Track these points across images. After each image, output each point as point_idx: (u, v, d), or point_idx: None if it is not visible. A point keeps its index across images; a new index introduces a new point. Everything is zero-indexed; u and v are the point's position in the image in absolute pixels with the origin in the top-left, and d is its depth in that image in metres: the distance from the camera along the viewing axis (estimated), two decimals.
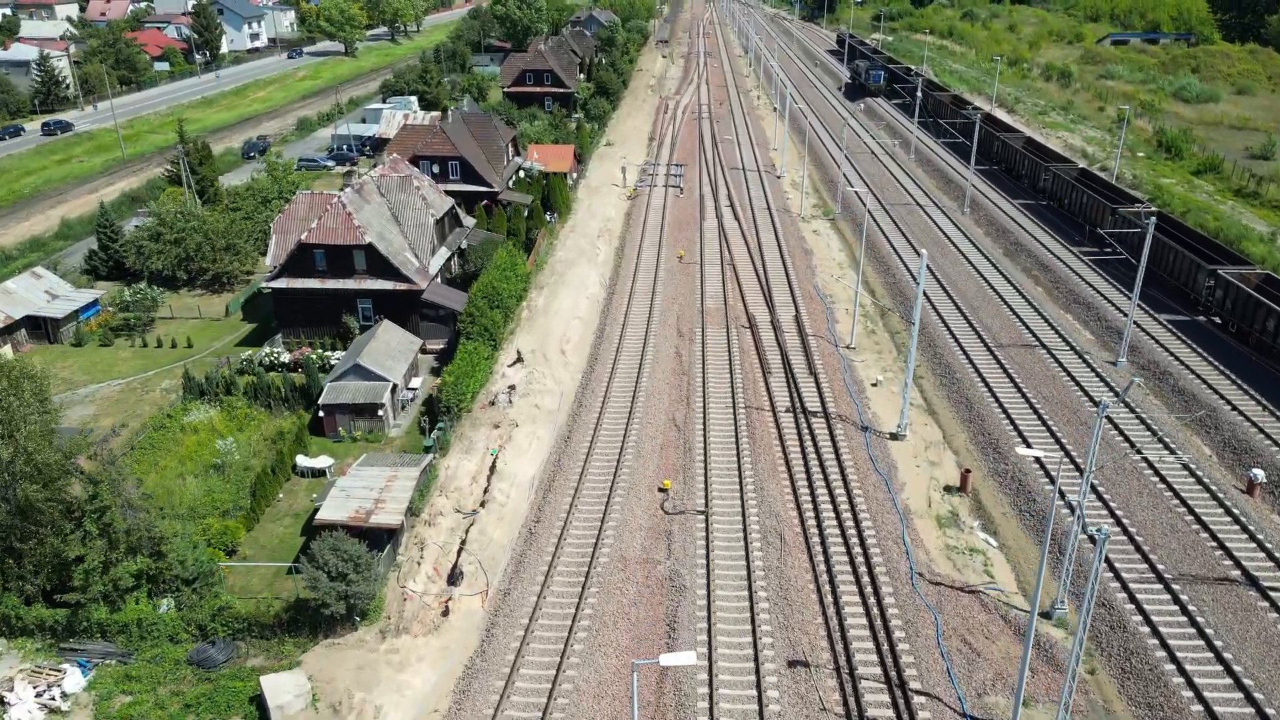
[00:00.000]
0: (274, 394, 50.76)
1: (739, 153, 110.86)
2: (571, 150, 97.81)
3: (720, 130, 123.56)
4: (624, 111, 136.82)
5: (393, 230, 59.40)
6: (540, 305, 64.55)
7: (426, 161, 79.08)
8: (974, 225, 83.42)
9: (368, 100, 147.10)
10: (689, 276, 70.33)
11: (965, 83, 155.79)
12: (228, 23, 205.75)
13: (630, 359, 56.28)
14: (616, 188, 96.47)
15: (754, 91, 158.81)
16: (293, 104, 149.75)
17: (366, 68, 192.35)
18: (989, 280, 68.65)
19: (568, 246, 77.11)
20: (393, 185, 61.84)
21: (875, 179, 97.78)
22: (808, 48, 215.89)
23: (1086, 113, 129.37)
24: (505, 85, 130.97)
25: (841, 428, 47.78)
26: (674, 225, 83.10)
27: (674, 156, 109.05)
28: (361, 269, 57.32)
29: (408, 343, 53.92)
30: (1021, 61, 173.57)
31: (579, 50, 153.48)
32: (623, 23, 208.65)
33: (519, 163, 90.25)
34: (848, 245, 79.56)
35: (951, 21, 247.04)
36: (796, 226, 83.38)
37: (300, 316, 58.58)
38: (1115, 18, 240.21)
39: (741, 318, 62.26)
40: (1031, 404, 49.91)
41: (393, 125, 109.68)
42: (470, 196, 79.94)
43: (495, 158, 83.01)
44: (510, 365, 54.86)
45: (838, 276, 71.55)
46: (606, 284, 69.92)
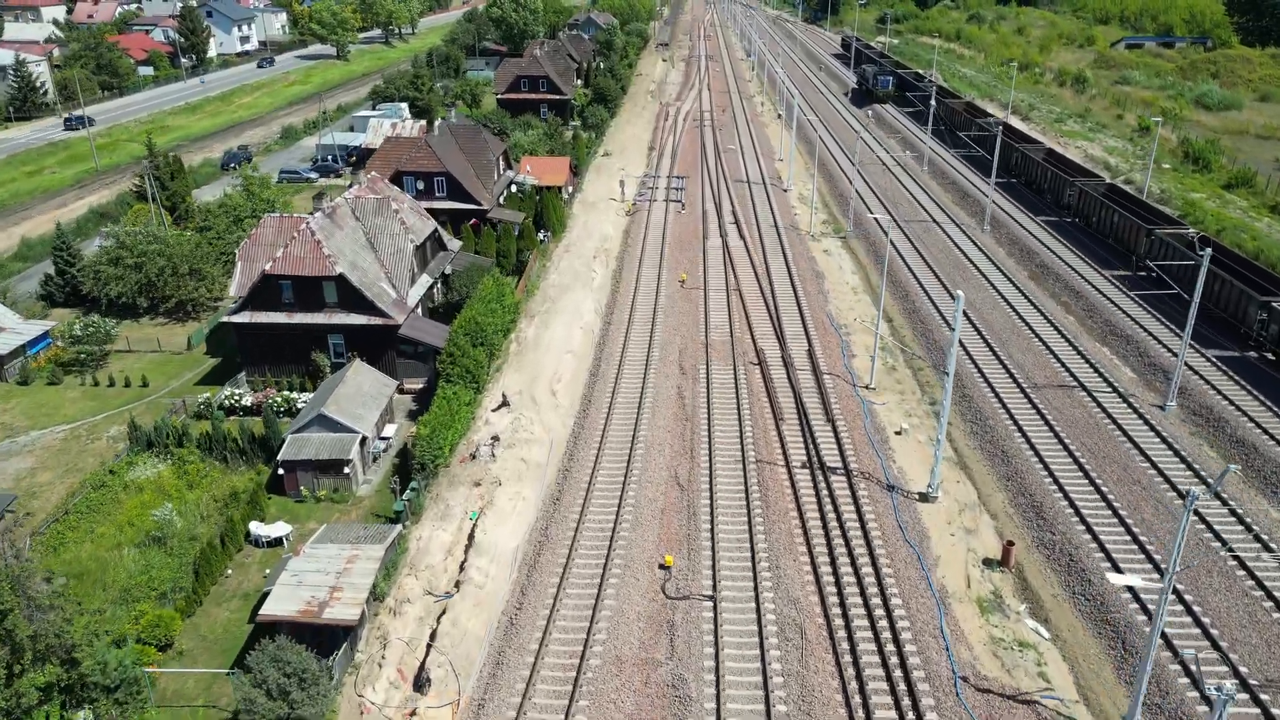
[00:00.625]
0: (230, 446, 45.51)
1: (743, 164, 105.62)
2: (567, 163, 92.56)
3: (723, 139, 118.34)
4: (623, 119, 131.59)
5: (368, 258, 54.15)
6: (530, 337, 59.30)
7: (410, 178, 73.87)
8: (995, 245, 78.16)
9: (357, 106, 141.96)
10: (691, 303, 65.09)
11: (976, 88, 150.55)
12: (217, 25, 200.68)
13: (628, 401, 51.03)
14: (614, 202, 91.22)
15: (757, 97, 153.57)
16: (280, 110, 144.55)
17: (359, 72, 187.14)
18: (1016, 308, 63.39)
19: (561, 269, 71.86)
20: (369, 208, 56.59)
21: (888, 193, 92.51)
22: (811, 51, 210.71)
23: (1104, 120, 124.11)
24: (499, 92, 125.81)
25: (865, 487, 42.53)
26: (675, 244, 77.86)
27: (675, 168, 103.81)
28: (332, 302, 52.08)
29: (381, 386, 48.66)
30: (1033, 66, 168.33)
31: (576, 55, 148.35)
32: (621, 25, 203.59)
33: (511, 177, 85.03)
34: (861, 267, 74.28)
35: (958, 24, 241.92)
36: (806, 246, 78.12)
37: (265, 354, 53.32)
38: (1125, 20, 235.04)
39: (749, 352, 56.99)
40: (1075, 458, 44.64)
41: (380, 135, 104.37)
42: (458, 215, 74.74)
43: (485, 172, 77.79)
44: (495, 410, 49.61)
45: (852, 303, 66.28)
46: (603, 312, 64.67)
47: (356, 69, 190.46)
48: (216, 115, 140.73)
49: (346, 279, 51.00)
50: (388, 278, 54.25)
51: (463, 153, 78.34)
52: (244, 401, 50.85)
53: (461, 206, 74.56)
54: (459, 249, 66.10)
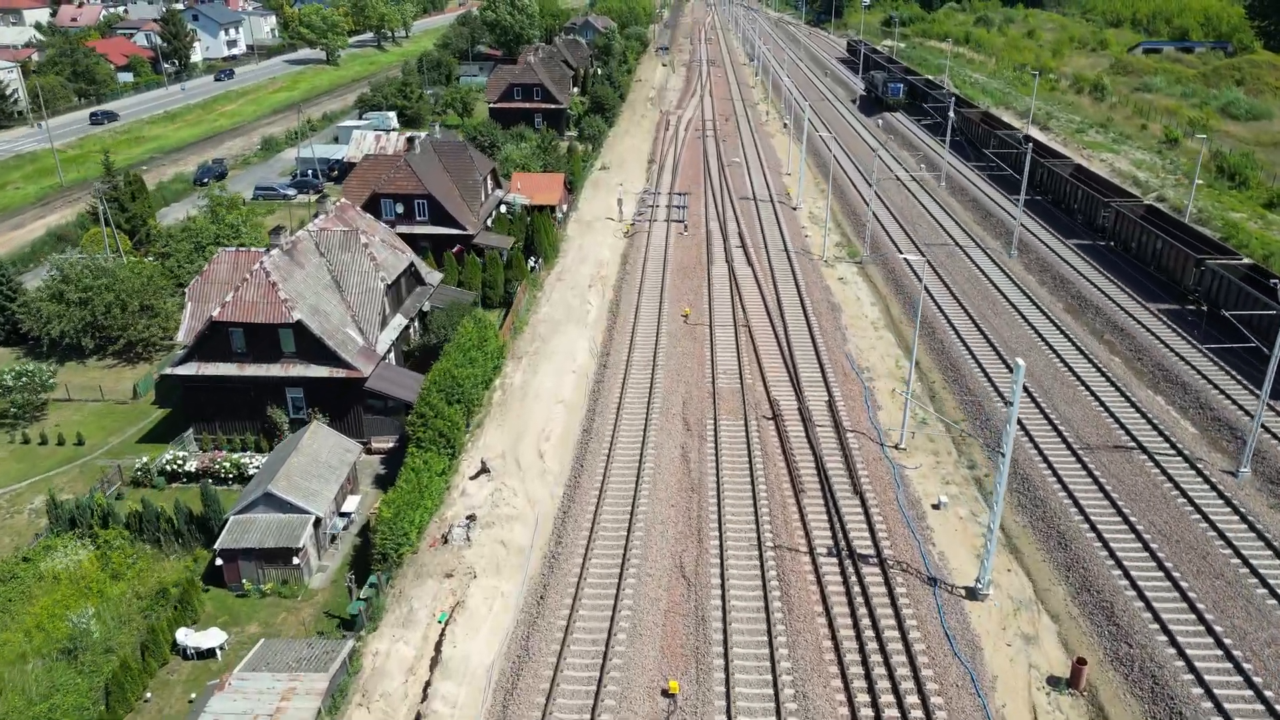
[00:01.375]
0: (163, 527, 39.32)
1: (748, 178, 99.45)
2: (561, 179, 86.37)
3: (727, 150, 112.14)
4: (621, 129, 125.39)
5: (332, 300, 47.96)
6: (516, 384, 53.11)
7: (389, 200, 67.73)
8: (1025, 272, 71.98)
9: (345, 115, 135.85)
10: (696, 342, 58.88)
11: (989, 95, 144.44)
12: (203, 29, 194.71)
13: (625, 466, 44.83)
14: (612, 222, 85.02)
15: (761, 105, 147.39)
16: (264, 119, 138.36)
17: (349, 77, 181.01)
18: (1055, 348, 57.19)
19: (553, 301, 65.68)
20: (335, 242, 50.39)
21: (904, 212, 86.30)
22: (816, 55, 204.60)
23: (1128, 131, 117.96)
24: (491, 100, 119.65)
25: (902, 580, 36.34)
26: (677, 271, 71.65)
27: (676, 183, 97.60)
28: (290, 352, 45.90)
29: (342, 452, 42.46)
30: (1047, 71, 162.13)
31: (573, 61, 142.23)
32: (620, 29, 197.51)
33: (499, 197, 78.83)
34: (881, 298, 68.10)
35: (966, 27, 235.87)
36: (819, 273, 71.93)
37: (215, 409, 47.14)
38: (1137, 23, 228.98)
39: (762, 403, 50.78)
40: (1145, 542, 38.42)
41: (363, 148, 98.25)
42: (440, 241, 68.58)
43: (470, 193, 71.60)
44: (473, 477, 43.45)
45: (873, 341, 60.08)
46: (598, 352, 58.45)
47: (347, 74, 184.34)
48: (197, 124, 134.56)
49: (306, 326, 44.83)
50: (354, 322, 48.09)
51: (447, 172, 72.17)
52: (188, 466, 44.67)
53: (444, 231, 68.39)
54: (439, 282, 59.90)
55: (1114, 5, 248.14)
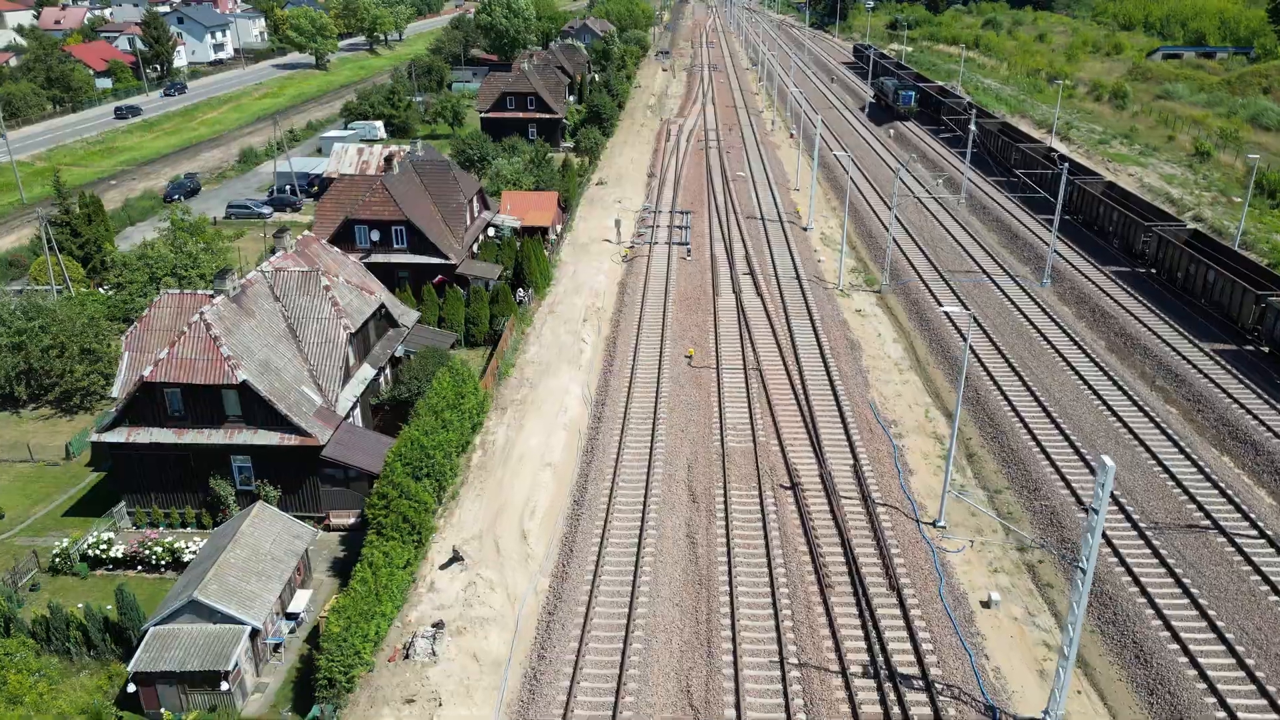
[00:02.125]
0: (74, 635, 33.20)
1: (755, 195, 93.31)
2: (555, 198, 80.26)
3: (731, 163, 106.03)
4: (619, 139, 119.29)
5: (286, 353, 41.81)
6: (499, 442, 46.96)
7: (363, 227, 61.60)
8: (1059, 303, 65.87)
9: (329, 124, 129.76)
10: (702, 389, 52.71)
11: (1004, 103, 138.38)
12: (189, 33, 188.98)
13: (622, 550, 38.68)
14: (609, 244, 78.90)
15: (766, 113, 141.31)
16: (246, 128, 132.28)
17: (338, 82, 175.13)
18: (1104, 397, 51.01)
19: (544, 338, 59.55)
20: (292, 284, 44.25)
21: (924, 234, 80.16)
22: (821, 60, 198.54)
23: (1154, 142, 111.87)
24: (483, 109, 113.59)
25: (955, 712, 30.19)
26: (680, 303, 65.51)
27: (678, 200, 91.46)
28: (235, 415, 39.78)
29: (290, 540, 36.29)
30: (1063, 77, 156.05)
31: (569, 67, 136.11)
32: (619, 32, 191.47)
33: (487, 219, 72.69)
34: (904, 333, 61.95)
35: (974, 31, 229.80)
36: (835, 304, 65.80)
37: (151, 480, 41.02)
38: (1151, 27, 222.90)
39: (778, 468, 44.62)
40: (1246, 666, 32.23)
41: (344, 162, 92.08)
42: (420, 271, 62.46)
43: (454, 217, 65.46)
44: (444, 566, 37.31)
45: (898, 386, 53.93)
46: (592, 400, 52.28)
47: (336, 79, 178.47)
48: (175, 133, 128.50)
49: (252, 388, 38.69)
50: (312, 377, 41.95)
51: (428, 193, 66.04)
52: (115, 550, 38.52)
53: (424, 261, 62.24)
54: (416, 321, 53.72)
55: (1125, 8, 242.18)
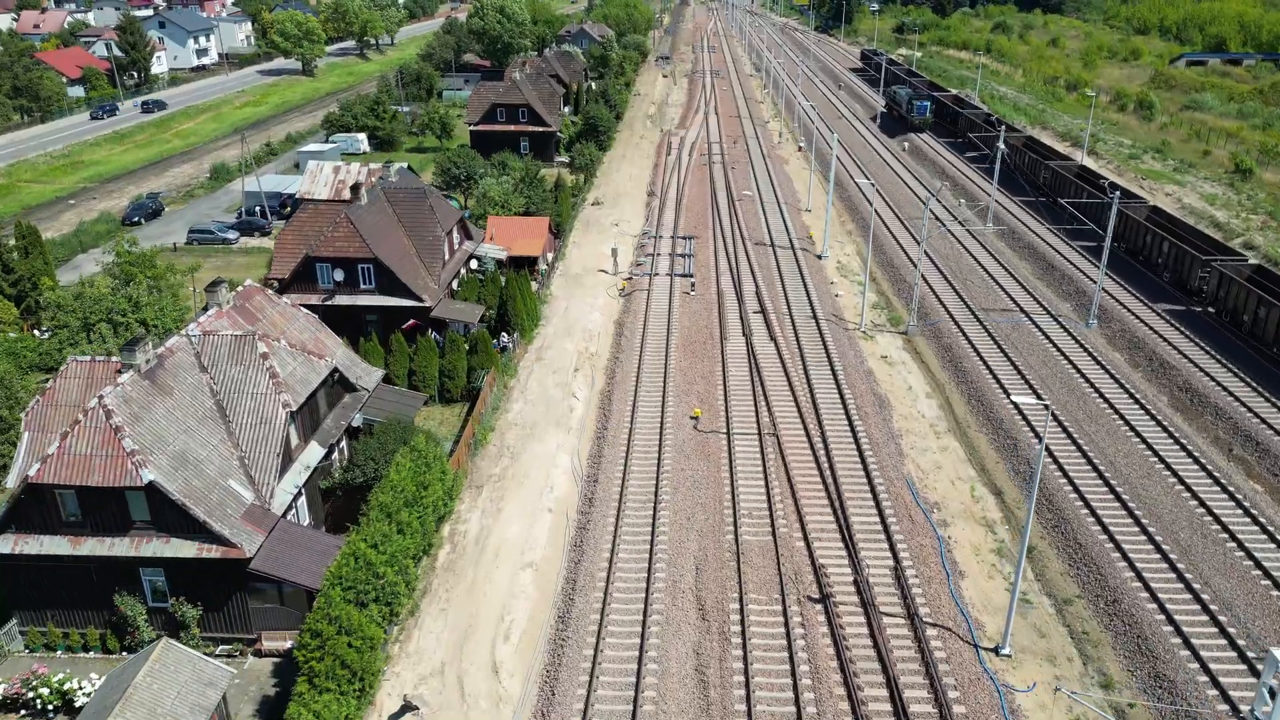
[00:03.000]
0: None
1: (763, 217, 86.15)
2: (545, 225, 73.14)
3: (737, 180, 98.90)
4: (617, 153, 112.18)
5: (211, 439, 34.66)
6: (472, 534, 39.82)
7: (325, 266, 54.48)
8: (1110, 349, 58.72)
9: (311, 136, 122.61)
10: (711, 461, 45.51)
11: (1023, 113, 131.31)
12: (170, 38, 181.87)
13: (616, 690, 31.49)
14: (605, 275, 71.80)
15: (772, 123, 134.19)
16: (223, 139, 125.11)
17: (324, 89, 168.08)
18: (1177, 469, 43.88)
19: (529, 393, 52.40)
20: (222, 352, 37.07)
21: (952, 265, 72.98)
22: (827, 65, 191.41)
23: (1188, 156, 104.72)
24: (472, 122, 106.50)
25: None
26: (684, 348, 58.36)
27: (680, 223, 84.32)
28: (143, 521, 32.65)
29: (200, 688, 29.07)
30: (1082, 85, 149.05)
31: (565, 75, 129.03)
32: (618, 37, 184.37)
33: (469, 250, 65.54)
34: (937, 386, 54.75)
35: (984, 34, 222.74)
36: (857, 349, 58.64)
37: (46, 596, 33.86)
38: (1166, 31, 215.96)
39: (803, 569, 37.44)
40: None
41: (319, 181, 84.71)
42: (391, 314, 55.32)
43: (430, 252, 58.32)
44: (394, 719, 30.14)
45: (937, 456, 46.76)
46: (583, 474, 45.10)
47: (323, 85, 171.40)
48: (147, 145, 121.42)
49: (162, 490, 31.55)
50: (244, 467, 34.79)
51: (402, 225, 58.92)
52: None
53: (395, 303, 55.10)
54: (379, 381, 46.53)
55: (1139, 12, 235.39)
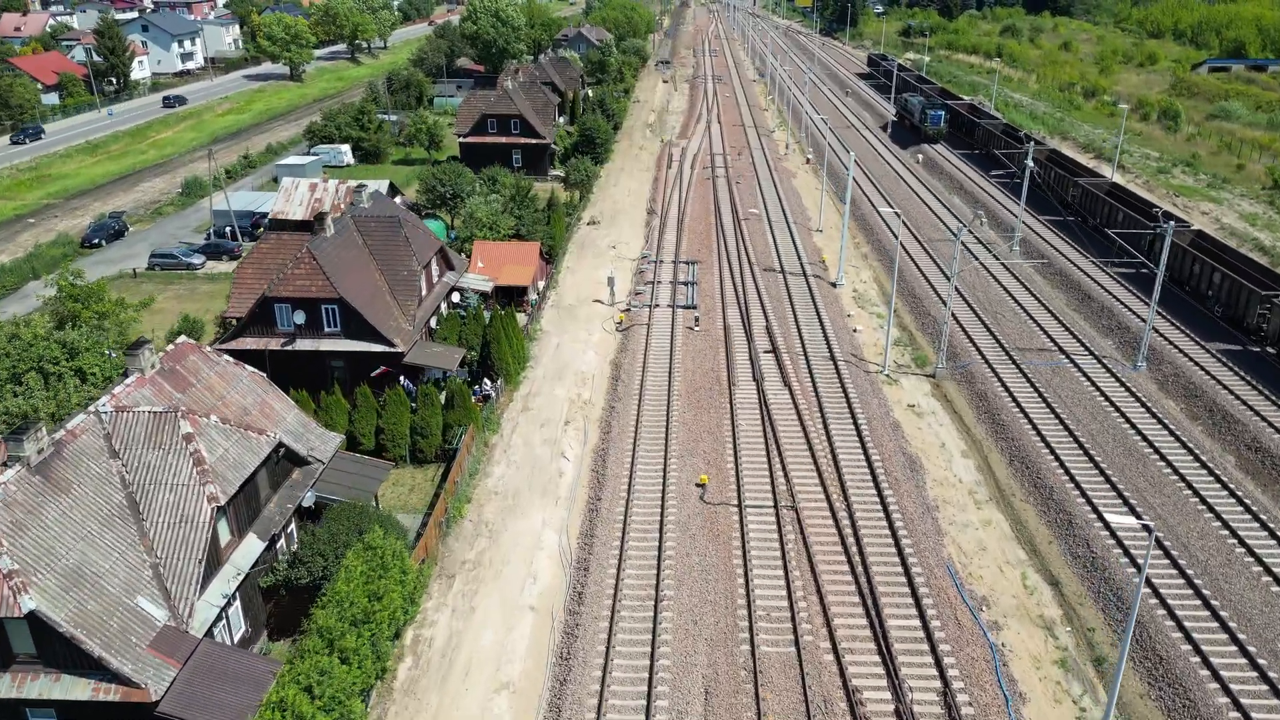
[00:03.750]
0: None
1: (771, 238, 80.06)
2: (536, 250, 67.12)
3: (742, 196, 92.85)
4: (615, 165, 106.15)
5: (119, 544, 28.57)
6: (438, 641, 33.71)
7: (284, 307, 48.38)
8: (1163, 396, 52.64)
9: (292, 147, 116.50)
10: (721, 545, 39.37)
11: (1041, 122, 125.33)
12: (154, 41, 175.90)
13: None
14: (601, 306, 65.77)
15: (778, 132, 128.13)
16: (200, 150, 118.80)
17: (312, 95, 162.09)
18: (1255, 547, 37.81)
19: (513, 452, 46.34)
20: (138, 433, 30.97)
21: (980, 294, 66.87)
22: (833, 70, 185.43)
23: (1221, 170, 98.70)
24: (461, 133, 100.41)
25: None
26: (688, 395, 52.27)
27: (682, 245, 78.25)
28: (27, 655, 26.58)
29: None
30: (1100, 92, 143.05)
31: (560, 82, 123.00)
32: (617, 41, 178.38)
33: (450, 282, 59.44)
34: (973, 442, 48.65)
35: (993, 38, 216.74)
36: (881, 396, 52.53)
37: None
38: (1180, 35, 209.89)
39: (835, 698, 31.28)
40: None
41: (293, 200, 78.68)
42: (358, 361, 49.25)
43: (405, 288, 52.22)
44: None
45: (979, 532, 40.69)
46: (572, 559, 38.99)
47: (311, 91, 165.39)
48: (121, 157, 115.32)
49: (46, 620, 25.47)
50: (158, 577, 28.73)
51: (373, 259, 52.82)
52: None
53: (363, 349, 49.01)
54: (339, 447, 40.38)
55: (1151, 14, 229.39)
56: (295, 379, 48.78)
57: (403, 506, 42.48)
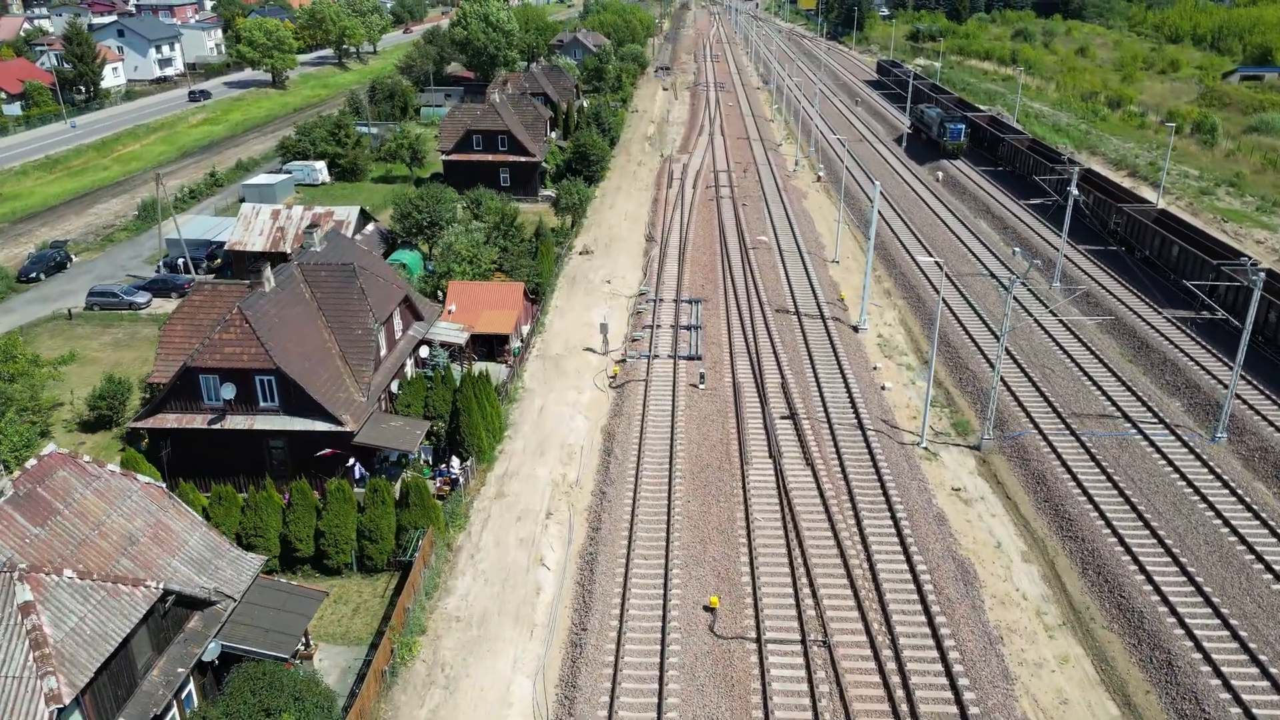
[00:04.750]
0: None
1: (783, 271, 72.22)
2: (519, 292, 59.29)
3: (749, 220, 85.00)
4: (611, 184, 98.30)
5: None
6: None
7: (211, 378, 40.44)
8: (1250, 475, 44.72)
9: (264, 163, 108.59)
10: (737, 698, 31.40)
11: (1065, 135, 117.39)
12: (130, 47, 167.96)
13: None
14: (592, 355, 57.90)
15: (786, 146, 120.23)
16: (169, 165, 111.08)
17: (294, 104, 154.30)
18: None
19: (481, 559, 38.40)
20: None
21: (1024, 346, 58.84)
22: (841, 78, 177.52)
23: (1269, 191, 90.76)
24: (444, 149, 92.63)
25: None
26: (693, 479, 44.31)
27: (684, 279, 70.35)
28: None
29: None
30: (1125, 102, 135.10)
31: (553, 93, 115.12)
32: (616, 46, 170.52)
33: (417, 336, 51.46)
34: (1035, 542, 40.67)
35: (1005, 42, 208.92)
36: (921, 478, 44.59)
37: None
38: (1200, 40, 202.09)
39: None
40: None
41: (254, 228, 71.16)
42: (300, 443, 41.32)
43: (358, 350, 44.26)
44: None
45: (1055, 673, 32.75)
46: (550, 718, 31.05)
47: (293, 100, 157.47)
48: (80, 174, 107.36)
49: None
50: None
51: (322, 315, 44.90)
52: None
53: (306, 427, 41.07)
54: (258, 572, 32.33)
55: (1170, 18, 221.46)
56: (227, 464, 41.09)
57: (343, 635, 34.58)
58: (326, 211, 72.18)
